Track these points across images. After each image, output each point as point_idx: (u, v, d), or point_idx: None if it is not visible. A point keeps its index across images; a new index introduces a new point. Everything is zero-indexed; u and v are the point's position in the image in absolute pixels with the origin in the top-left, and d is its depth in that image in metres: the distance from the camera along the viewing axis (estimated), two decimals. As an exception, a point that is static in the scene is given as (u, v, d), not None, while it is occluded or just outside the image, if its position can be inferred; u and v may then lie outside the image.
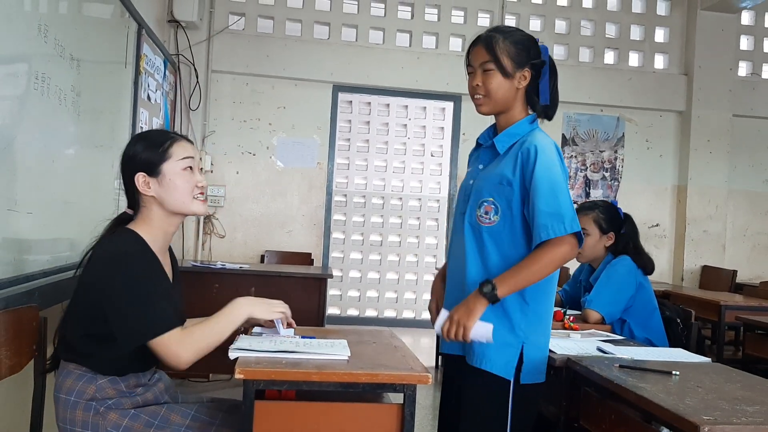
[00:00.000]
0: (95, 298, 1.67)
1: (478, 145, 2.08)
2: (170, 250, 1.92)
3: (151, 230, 1.78)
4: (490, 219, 1.89)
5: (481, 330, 1.80)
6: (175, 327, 1.66)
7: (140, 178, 1.76)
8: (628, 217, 3.02)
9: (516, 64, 1.91)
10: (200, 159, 1.85)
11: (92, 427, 1.67)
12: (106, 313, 1.66)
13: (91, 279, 1.70)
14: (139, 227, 1.77)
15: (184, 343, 1.65)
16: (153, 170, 1.77)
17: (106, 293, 1.65)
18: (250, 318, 1.88)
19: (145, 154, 1.78)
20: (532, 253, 1.82)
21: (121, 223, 1.82)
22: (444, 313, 1.86)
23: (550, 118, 2.00)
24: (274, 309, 1.88)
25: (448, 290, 2.03)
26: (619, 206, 3.05)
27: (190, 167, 1.80)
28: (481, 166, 2.00)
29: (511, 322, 1.86)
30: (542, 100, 1.95)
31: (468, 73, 1.99)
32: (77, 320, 1.73)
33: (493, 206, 1.89)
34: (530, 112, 1.98)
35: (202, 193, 1.83)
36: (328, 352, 1.75)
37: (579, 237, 1.82)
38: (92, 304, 1.67)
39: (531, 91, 1.95)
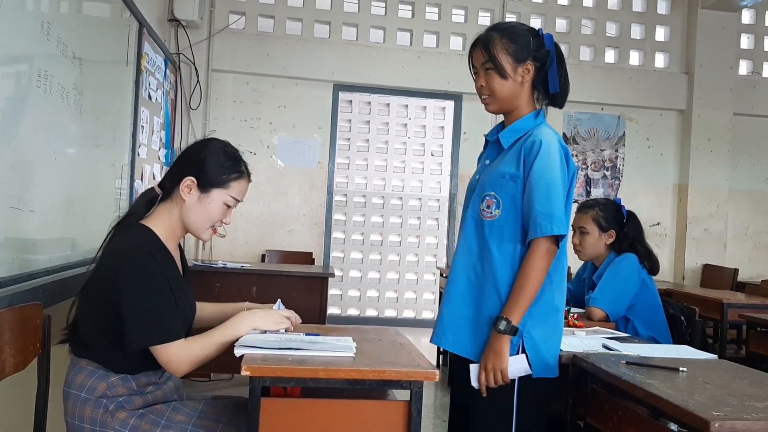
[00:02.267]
0: (109, 294, 1.67)
1: (486, 141, 2.08)
2: (180, 245, 1.94)
3: (166, 227, 1.81)
4: (491, 213, 1.89)
5: (516, 365, 1.82)
6: (178, 338, 1.68)
7: (187, 181, 1.80)
8: (631, 216, 3.02)
9: (517, 60, 1.90)
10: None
11: (100, 424, 1.67)
12: (116, 310, 1.66)
13: (104, 274, 1.70)
14: (155, 222, 1.80)
15: (182, 357, 1.67)
16: (204, 185, 1.81)
17: (118, 290, 1.66)
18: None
19: (210, 167, 1.81)
20: (519, 271, 1.83)
21: (149, 198, 1.85)
22: (474, 368, 1.85)
23: (561, 106, 1.99)
24: (279, 320, 1.89)
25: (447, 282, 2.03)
26: (622, 204, 3.05)
27: (230, 206, 1.85)
28: (487, 162, 2.01)
29: None
30: (552, 89, 1.94)
31: (473, 73, 1.99)
32: (91, 315, 1.73)
33: (494, 200, 1.89)
34: (537, 105, 1.97)
35: (216, 229, 1.87)
36: (334, 349, 1.74)
37: (559, 239, 1.83)
38: (106, 299, 1.68)
39: (538, 82, 1.94)
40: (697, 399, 1.52)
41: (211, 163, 1.81)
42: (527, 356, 1.85)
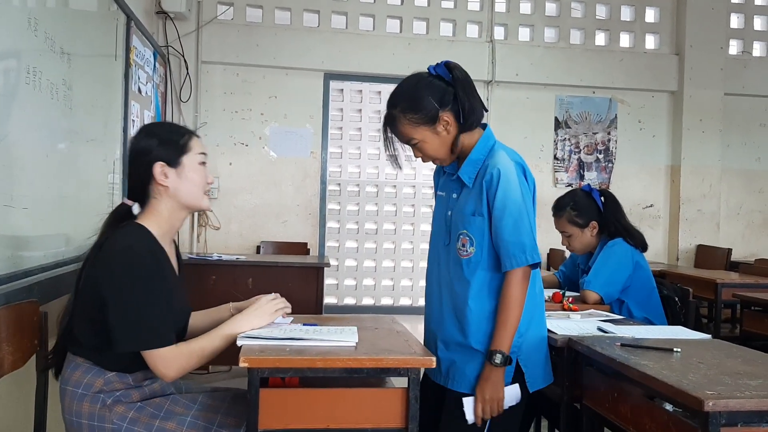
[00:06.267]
0: (101, 294, 1.66)
1: (443, 170, 2.05)
2: (174, 241, 1.93)
3: (160, 223, 1.79)
4: (467, 251, 1.91)
5: (510, 394, 1.87)
6: (168, 344, 1.67)
7: (158, 168, 1.78)
8: (607, 196, 3.00)
9: (430, 122, 1.87)
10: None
11: (98, 419, 1.67)
12: (108, 310, 1.65)
13: (97, 274, 1.69)
14: (147, 220, 1.78)
15: (171, 363, 1.67)
16: (173, 161, 1.79)
17: (110, 291, 1.65)
18: None
19: (165, 145, 1.80)
20: (499, 304, 1.86)
21: (121, 214, 1.81)
22: (469, 401, 1.86)
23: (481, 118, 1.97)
24: (273, 312, 1.89)
25: (434, 320, 2.02)
26: (593, 188, 3.02)
27: (204, 163, 1.84)
28: (454, 195, 1.99)
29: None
30: (478, 115, 1.91)
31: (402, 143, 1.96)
32: (83, 315, 1.73)
33: (468, 238, 1.91)
34: (476, 131, 1.94)
35: (209, 190, 1.87)
36: (337, 338, 1.75)
37: (533, 264, 1.86)
38: (98, 299, 1.67)
39: (461, 112, 1.88)
40: (691, 379, 1.54)
41: (159, 143, 1.80)
42: (524, 376, 1.91)
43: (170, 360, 1.67)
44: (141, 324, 1.64)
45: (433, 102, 1.86)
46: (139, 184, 1.81)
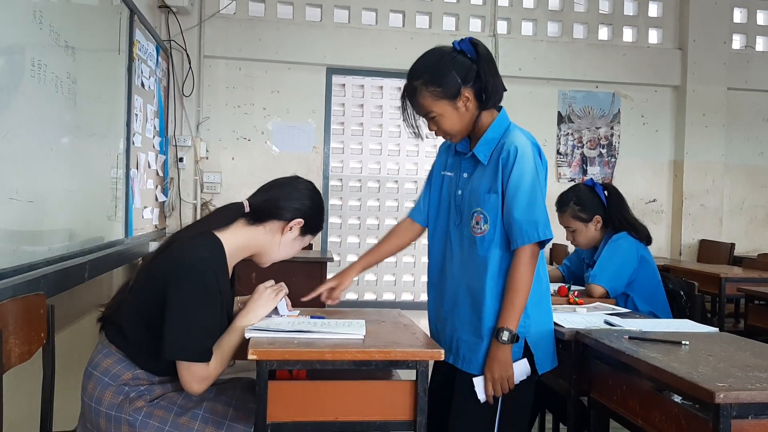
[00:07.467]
0: (165, 296, 1.67)
1: (455, 150, 2.05)
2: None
3: (239, 246, 1.85)
4: (481, 228, 1.91)
5: (519, 370, 1.88)
6: (208, 360, 1.69)
7: (297, 223, 1.89)
8: (610, 190, 3.00)
9: (451, 98, 1.87)
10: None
11: (117, 409, 1.69)
12: (164, 313, 1.67)
13: (166, 275, 1.70)
14: (230, 236, 1.83)
15: (201, 381, 1.69)
16: (304, 231, 1.92)
17: (173, 298, 1.67)
18: None
19: (315, 218, 1.93)
20: (508, 281, 1.86)
21: (230, 211, 1.87)
22: (479, 381, 1.88)
23: (500, 100, 1.98)
24: (274, 297, 1.93)
25: (446, 299, 2.02)
26: (596, 182, 3.02)
27: (302, 249, 1.99)
28: (465, 175, 1.99)
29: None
30: (499, 95, 1.92)
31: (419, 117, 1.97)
32: (138, 307, 1.74)
33: (482, 216, 1.91)
34: (492, 111, 1.94)
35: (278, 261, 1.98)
36: (346, 331, 1.75)
37: (543, 242, 1.88)
38: (159, 299, 1.68)
39: (481, 91, 1.88)
40: (701, 371, 1.53)
41: (319, 214, 1.93)
42: (533, 357, 1.91)
43: (205, 377, 1.69)
44: (191, 337, 1.66)
45: (457, 78, 1.86)
46: (271, 206, 1.87)
